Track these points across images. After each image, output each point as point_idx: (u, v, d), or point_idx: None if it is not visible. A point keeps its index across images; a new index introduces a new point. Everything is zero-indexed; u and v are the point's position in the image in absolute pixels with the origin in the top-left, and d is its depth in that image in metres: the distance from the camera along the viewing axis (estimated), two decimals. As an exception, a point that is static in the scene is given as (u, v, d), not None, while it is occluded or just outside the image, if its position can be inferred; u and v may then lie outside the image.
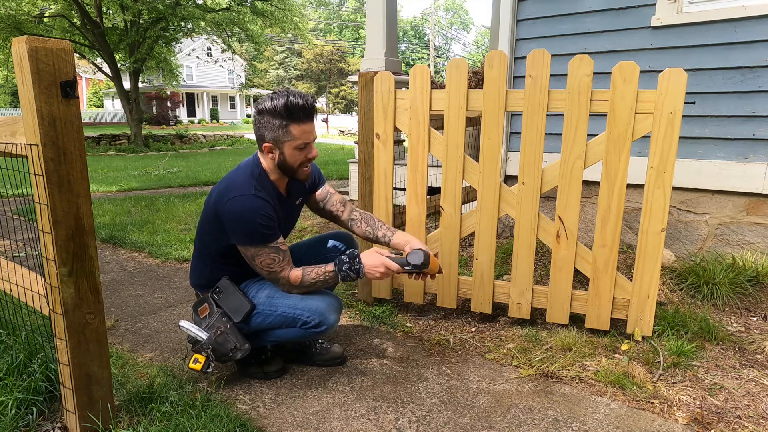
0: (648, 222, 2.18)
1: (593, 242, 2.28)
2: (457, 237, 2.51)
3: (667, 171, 2.12)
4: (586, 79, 2.15)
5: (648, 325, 2.26)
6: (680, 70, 2.02)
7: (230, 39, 18.20)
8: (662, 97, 2.05)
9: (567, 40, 3.39)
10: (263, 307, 1.92)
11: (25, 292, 1.68)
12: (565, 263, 2.33)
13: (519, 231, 2.38)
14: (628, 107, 2.10)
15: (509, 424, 1.72)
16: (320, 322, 1.87)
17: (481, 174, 2.40)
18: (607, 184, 2.20)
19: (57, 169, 1.38)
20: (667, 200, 2.13)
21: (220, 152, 16.35)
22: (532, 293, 2.43)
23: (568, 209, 2.28)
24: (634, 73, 2.07)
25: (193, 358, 1.84)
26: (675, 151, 2.08)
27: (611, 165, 2.17)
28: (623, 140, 2.13)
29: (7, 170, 1.77)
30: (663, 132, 2.07)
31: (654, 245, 2.18)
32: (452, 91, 2.35)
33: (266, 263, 1.85)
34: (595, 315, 2.33)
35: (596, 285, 2.30)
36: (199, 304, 1.94)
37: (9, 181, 1.82)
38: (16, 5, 13.85)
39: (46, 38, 1.32)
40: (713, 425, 1.70)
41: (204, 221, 1.95)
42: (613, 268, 2.26)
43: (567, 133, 2.21)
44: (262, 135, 1.85)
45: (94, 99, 39.67)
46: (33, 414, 1.64)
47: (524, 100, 2.26)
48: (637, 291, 2.24)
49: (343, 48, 46.76)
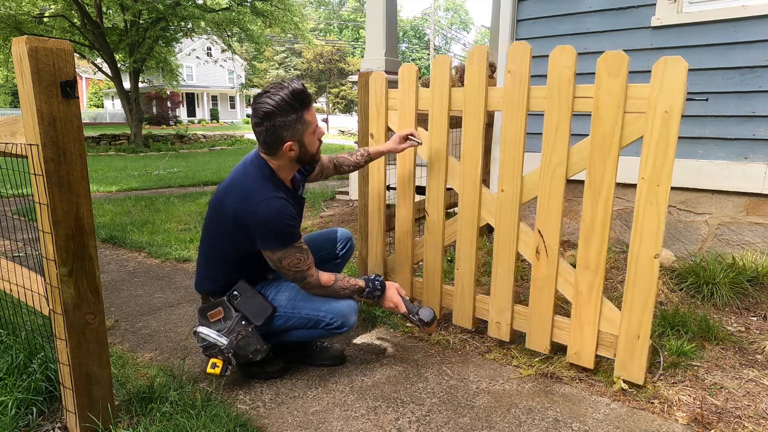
0: (638, 245, 1.80)
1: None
2: (440, 243, 2.38)
3: (661, 183, 1.71)
4: (567, 72, 1.85)
5: (638, 371, 1.87)
6: (678, 59, 1.63)
7: (230, 39, 18.21)
8: (656, 92, 1.69)
9: (567, 40, 3.39)
10: (285, 309, 1.92)
11: (25, 292, 1.68)
12: (546, 284, 2.05)
13: (498, 242, 2.16)
14: (614, 105, 1.77)
15: (509, 424, 1.72)
16: (342, 323, 1.93)
17: (461, 177, 2.25)
18: (591, 196, 1.88)
19: (57, 169, 1.38)
20: (661, 219, 1.74)
21: (220, 152, 16.35)
22: (512, 313, 2.18)
23: (549, 222, 2.00)
24: (621, 64, 1.73)
25: (211, 363, 1.83)
26: (672, 159, 1.68)
27: (595, 173, 1.85)
28: (609, 144, 1.80)
29: (7, 170, 1.77)
30: (656, 135, 1.70)
31: (646, 274, 1.79)
32: (435, 90, 2.24)
33: (293, 264, 1.83)
34: (577, 348, 2.00)
35: (578, 313, 1.97)
36: (210, 308, 1.89)
37: (9, 181, 1.82)
38: (16, 5, 13.85)
39: (46, 38, 1.32)
40: (713, 425, 1.70)
41: (218, 228, 1.89)
42: (597, 295, 1.92)
43: (547, 136, 1.94)
44: (280, 137, 1.76)
45: (94, 99, 39.67)
46: (33, 414, 1.64)
47: (503, 98, 2.04)
48: (625, 327, 1.87)
49: (343, 48, 46.76)
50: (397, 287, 2.06)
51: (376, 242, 2.66)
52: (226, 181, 1.91)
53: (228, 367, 1.85)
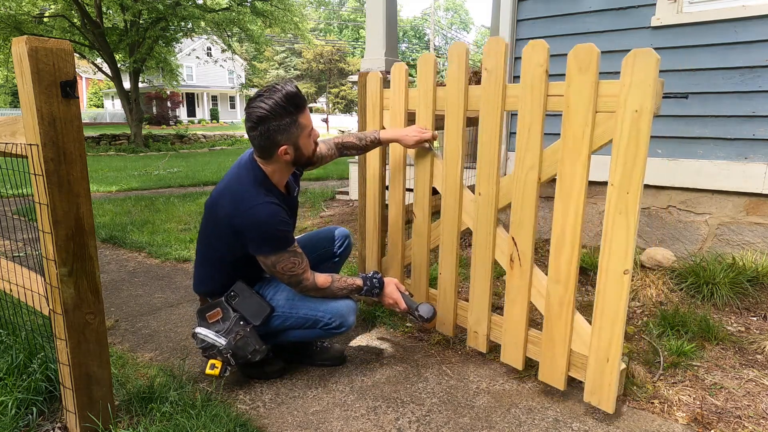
0: (607, 260, 1.63)
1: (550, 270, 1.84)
2: (425, 245, 2.34)
3: (631, 191, 1.54)
4: (539, 69, 1.72)
5: (607, 399, 1.70)
6: (648, 51, 1.46)
7: (230, 39, 18.21)
8: (626, 89, 1.52)
9: (567, 40, 3.39)
10: (283, 309, 1.92)
11: (25, 292, 1.68)
12: (519, 294, 1.93)
13: (476, 248, 2.08)
14: (584, 104, 1.62)
15: (509, 424, 1.72)
16: (341, 323, 1.92)
17: (443, 179, 2.18)
18: (561, 203, 1.73)
19: (57, 169, 1.38)
20: (631, 231, 1.56)
21: (220, 152, 16.34)
22: (489, 323, 2.10)
23: (522, 229, 1.88)
24: (591, 59, 1.58)
25: (210, 364, 1.83)
26: (642, 164, 1.51)
27: (565, 178, 1.70)
28: (579, 147, 1.65)
29: (7, 170, 1.77)
30: (626, 136, 1.53)
31: (615, 291, 1.62)
32: (421, 90, 2.20)
33: (287, 268, 1.83)
34: (549, 367, 1.87)
35: (550, 329, 1.84)
36: (208, 309, 1.89)
37: (9, 181, 1.82)
38: (16, 5, 13.86)
39: (46, 38, 1.32)
40: (713, 425, 1.70)
41: (213, 232, 1.89)
42: (568, 311, 1.77)
43: (520, 137, 1.82)
44: (275, 141, 1.75)
45: (94, 99, 39.68)
46: (33, 414, 1.64)
47: (480, 98, 1.96)
48: (595, 348, 1.71)
49: (343, 48, 46.76)
50: (397, 283, 2.05)
51: (372, 243, 2.66)
52: (220, 184, 1.90)
53: (227, 368, 1.85)
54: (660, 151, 3.16)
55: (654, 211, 3.23)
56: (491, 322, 2.11)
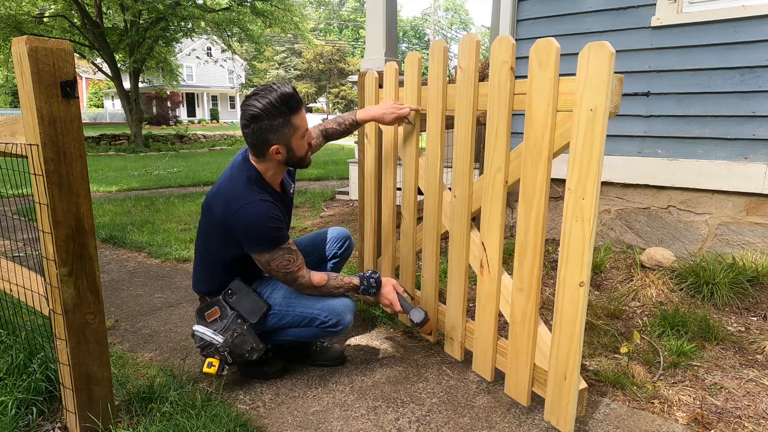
0: (565, 269, 1.52)
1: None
2: (411, 247, 2.32)
3: (587, 196, 1.42)
4: (504, 66, 1.64)
5: (565, 420, 1.60)
6: (603, 44, 1.34)
7: (230, 39, 18.20)
8: (581, 86, 1.40)
9: (567, 40, 3.38)
10: (280, 307, 1.92)
11: (25, 292, 1.68)
12: (489, 301, 1.86)
13: (451, 252, 2.02)
14: (544, 102, 1.52)
15: (509, 424, 1.72)
16: (337, 322, 1.91)
17: (425, 180, 2.16)
18: (524, 207, 1.64)
19: (57, 169, 1.38)
20: (587, 239, 1.44)
21: (220, 152, 16.34)
22: (463, 330, 2.05)
23: (491, 233, 1.81)
24: (551, 54, 1.47)
25: (207, 363, 1.83)
26: (597, 167, 1.39)
27: (527, 181, 1.62)
28: (540, 148, 1.55)
29: (7, 170, 1.77)
30: (582, 137, 1.42)
31: (572, 303, 1.51)
32: (408, 89, 2.20)
33: (282, 266, 1.83)
34: (513, 380, 1.80)
35: (514, 340, 1.76)
36: (206, 308, 1.90)
37: (9, 181, 1.82)
38: (16, 5, 13.87)
39: (46, 38, 1.32)
40: (713, 425, 1.70)
41: (209, 233, 1.91)
42: (531, 322, 1.68)
43: (489, 138, 1.75)
44: (266, 140, 1.75)
45: (94, 99, 39.67)
46: (33, 414, 1.64)
47: (455, 97, 1.91)
48: (554, 364, 1.61)
49: (343, 48, 46.76)
50: (394, 284, 2.04)
51: (369, 243, 2.67)
52: (215, 185, 1.91)
53: (225, 367, 1.85)
54: (660, 151, 3.16)
55: (654, 211, 3.23)
56: (465, 329, 2.07)
